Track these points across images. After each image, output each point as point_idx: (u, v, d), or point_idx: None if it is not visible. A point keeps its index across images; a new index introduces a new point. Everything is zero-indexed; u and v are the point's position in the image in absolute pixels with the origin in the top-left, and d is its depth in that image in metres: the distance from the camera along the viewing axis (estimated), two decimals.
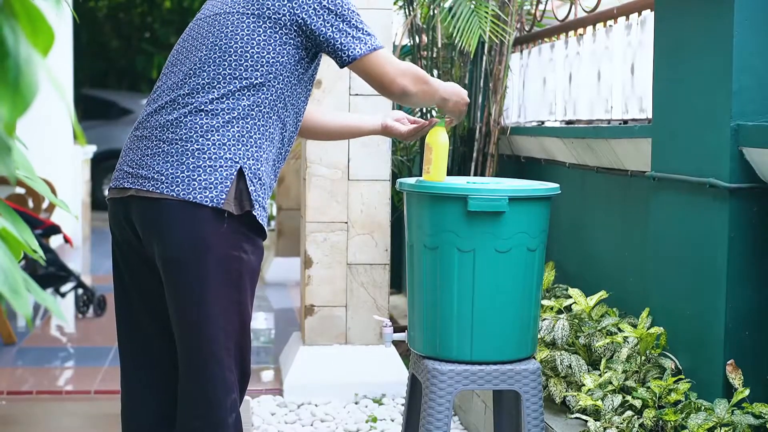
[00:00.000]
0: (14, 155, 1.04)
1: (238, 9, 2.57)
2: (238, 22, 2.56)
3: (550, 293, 4.29)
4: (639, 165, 3.86)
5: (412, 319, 3.01)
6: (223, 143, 2.49)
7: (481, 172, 5.48)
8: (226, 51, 2.54)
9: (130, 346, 2.74)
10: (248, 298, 2.59)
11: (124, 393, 2.77)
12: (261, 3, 2.56)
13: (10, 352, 5.58)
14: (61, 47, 9.79)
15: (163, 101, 2.57)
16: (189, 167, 2.48)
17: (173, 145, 2.50)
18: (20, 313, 1.02)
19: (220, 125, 2.50)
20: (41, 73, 0.98)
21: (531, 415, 2.91)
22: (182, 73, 2.57)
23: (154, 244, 2.53)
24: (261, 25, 2.55)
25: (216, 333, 2.52)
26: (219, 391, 2.55)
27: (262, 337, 6.29)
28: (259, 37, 2.55)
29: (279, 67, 2.55)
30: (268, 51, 2.54)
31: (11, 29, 0.97)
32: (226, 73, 2.53)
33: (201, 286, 2.50)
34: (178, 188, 2.46)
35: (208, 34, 2.59)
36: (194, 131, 2.50)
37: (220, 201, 2.45)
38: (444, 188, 2.86)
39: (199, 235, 2.48)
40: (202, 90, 2.53)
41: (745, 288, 3.11)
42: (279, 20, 2.54)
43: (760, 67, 3.09)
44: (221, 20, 2.58)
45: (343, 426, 4.32)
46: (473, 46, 5.10)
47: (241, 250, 2.52)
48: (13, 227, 1.09)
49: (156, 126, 2.55)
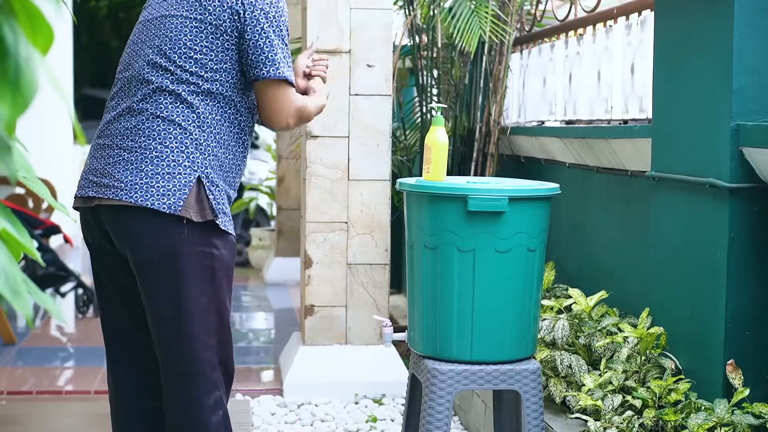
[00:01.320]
0: (14, 155, 1.04)
1: (181, 12, 2.58)
2: (181, 25, 2.57)
3: (550, 293, 4.28)
4: (639, 165, 3.86)
5: (412, 319, 3.01)
6: (181, 150, 2.51)
7: (481, 172, 5.48)
8: (171, 56, 2.56)
9: (115, 347, 2.76)
10: (224, 293, 2.60)
11: (111, 393, 2.78)
12: (203, 7, 2.56)
13: (10, 352, 5.57)
14: (62, 47, 9.80)
15: (120, 108, 2.59)
16: (147, 174, 2.50)
17: (133, 153, 2.52)
18: (21, 313, 1.02)
19: (178, 132, 2.52)
20: (41, 73, 0.98)
21: (531, 415, 2.91)
22: (134, 79, 2.59)
23: (126, 247, 2.56)
24: (203, 30, 2.56)
25: (193, 330, 2.53)
26: (199, 390, 2.54)
27: (262, 337, 6.29)
28: (203, 42, 2.56)
29: (224, 74, 2.57)
30: (211, 57, 2.56)
31: (11, 28, 0.97)
32: (173, 78, 2.54)
33: (174, 285, 2.52)
34: (136, 195, 2.48)
35: (153, 37, 2.60)
36: (152, 138, 2.52)
37: (178, 208, 2.47)
38: (444, 188, 2.85)
39: (164, 240, 2.50)
40: (154, 95, 2.55)
41: (746, 288, 3.11)
42: (220, 26, 2.56)
43: (760, 67, 3.09)
44: (166, 23, 2.59)
45: (343, 426, 4.32)
46: (473, 46, 5.10)
47: (212, 246, 2.54)
48: (12, 228, 1.09)
49: (116, 134, 2.57)
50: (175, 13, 2.59)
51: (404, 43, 6.08)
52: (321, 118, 4.65)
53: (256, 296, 7.68)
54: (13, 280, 1.02)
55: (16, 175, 1.07)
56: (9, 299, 1.01)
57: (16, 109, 0.96)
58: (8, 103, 0.95)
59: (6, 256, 1.05)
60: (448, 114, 5.66)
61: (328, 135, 4.68)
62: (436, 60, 5.72)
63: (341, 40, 4.67)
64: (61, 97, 1.02)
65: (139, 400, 2.73)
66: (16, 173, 1.06)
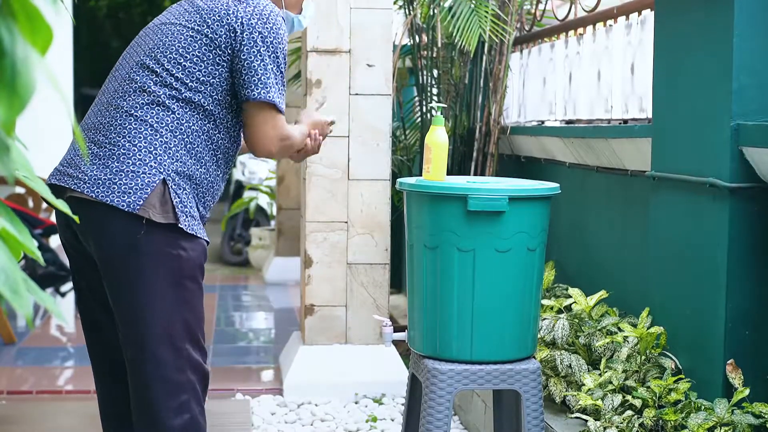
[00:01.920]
0: (13, 155, 1.04)
1: (180, 21, 2.60)
2: (177, 33, 2.58)
3: (550, 293, 4.29)
4: (639, 164, 3.86)
5: (412, 319, 3.01)
6: (149, 151, 2.50)
7: (481, 172, 5.48)
8: (161, 59, 2.56)
9: (94, 344, 2.75)
10: (194, 296, 2.56)
11: (98, 390, 2.78)
12: (203, 19, 2.57)
13: (10, 351, 5.57)
14: (61, 47, 9.80)
15: (100, 103, 2.61)
16: (112, 170, 2.49)
17: (102, 148, 2.52)
18: (21, 312, 1.02)
19: (148, 132, 2.51)
20: (39, 73, 0.98)
21: (531, 414, 2.91)
22: (120, 77, 2.61)
23: (90, 242, 2.55)
24: (198, 40, 2.57)
25: (157, 333, 2.50)
26: (159, 392, 2.51)
27: (262, 337, 6.29)
28: (195, 51, 2.56)
29: (209, 88, 2.57)
30: (200, 68, 2.56)
31: (8, 28, 0.97)
32: (157, 80, 2.55)
33: (137, 286, 2.50)
34: (98, 190, 2.48)
35: (149, 40, 2.62)
36: (122, 136, 2.52)
37: (136, 206, 2.45)
38: (444, 188, 2.85)
39: (122, 238, 2.48)
40: (133, 93, 2.55)
41: (745, 287, 3.11)
42: (215, 39, 2.56)
43: (760, 67, 3.09)
44: (164, 29, 2.61)
45: (343, 426, 4.32)
46: (473, 46, 5.10)
47: (179, 248, 2.51)
48: (12, 227, 1.09)
49: (91, 127, 2.58)
50: (174, 21, 2.61)
51: (404, 43, 6.08)
52: None
53: (256, 296, 7.68)
54: (13, 279, 1.02)
55: (15, 174, 1.07)
56: (9, 298, 1.01)
57: (13, 110, 0.96)
58: (5, 103, 0.95)
59: (6, 255, 1.05)
60: (448, 114, 5.66)
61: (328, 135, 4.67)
62: (436, 59, 5.73)
63: (341, 40, 4.67)
64: (61, 98, 1.02)
65: (124, 405, 2.73)
66: (14, 172, 1.06)
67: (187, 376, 2.54)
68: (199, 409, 2.58)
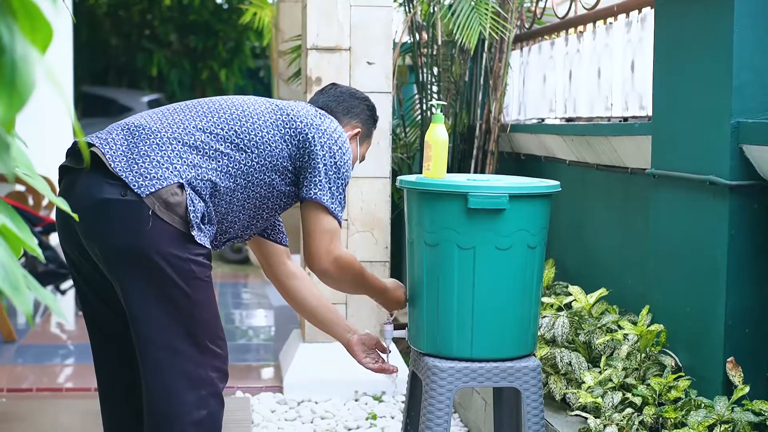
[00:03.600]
0: (13, 152, 1.04)
1: (260, 107, 2.70)
2: (260, 103, 2.70)
3: (551, 290, 4.29)
4: (639, 162, 3.86)
5: (412, 317, 3.01)
6: (182, 161, 2.52)
7: (481, 170, 5.48)
8: (232, 113, 2.64)
9: (97, 343, 2.74)
10: (208, 293, 2.57)
11: (100, 392, 2.77)
12: (283, 111, 2.70)
13: (10, 349, 5.58)
14: (61, 44, 9.80)
15: (152, 126, 2.60)
16: (139, 153, 2.50)
17: (137, 138, 2.54)
18: (21, 310, 1.02)
19: (185, 152, 2.53)
20: (39, 70, 0.98)
21: (531, 412, 2.91)
22: (179, 122, 2.62)
23: (93, 238, 2.52)
24: (275, 115, 2.67)
25: (172, 333, 2.51)
26: (180, 386, 2.52)
27: (262, 335, 6.29)
28: (267, 119, 2.65)
29: (263, 152, 2.63)
30: (265, 132, 2.64)
31: (8, 26, 0.97)
32: (224, 126, 2.61)
33: (147, 282, 2.49)
34: (119, 162, 2.47)
35: (229, 100, 2.70)
36: (161, 147, 2.54)
37: (146, 192, 2.44)
38: (444, 185, 2.85)
39: (133, 224, 2.45)
40: (197, 132, 2.58)
41: (746, 285, 3.11)
42: (291, 126, 2.66)
43: (760, 65, 3.09)
44: (249, 98, 2.73)
45: (343, 423, 4.32)
46: (473, 43, 5.09)
47: (186, 252, 2.50)
48: (13, 224, 1.09)
49: (137, 125, 2.59)
50: (254, 102, 2.72)
51: (404, 41, 6.08)
52: None
53: (256, 293, 7.68)
54: (13, 276, 1.02)
55: (14, 172, 1.07)
56: (9, 295, 1.01)
57: (13, 108, 0.96)
58: (4, 101, 0.95)
59: (6, 252, 1.05)
60: (449, 111, 5.65)
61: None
62: (436, 57, 5.72)
63: (341, 38, 4.67)
64: (61, 95, 1.02)
65: (127, 405, 2.73)
66: (14, 171, 1.06)
67: (206, 372, 2.55)
68: (215, 408, 2.58)
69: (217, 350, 2.57)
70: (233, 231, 2.69)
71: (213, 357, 2.56)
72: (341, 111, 2.89)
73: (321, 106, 2.88)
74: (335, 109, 2.89)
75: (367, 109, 2.95)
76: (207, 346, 2.55)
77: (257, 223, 2.75)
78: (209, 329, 2.56)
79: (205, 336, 2.55)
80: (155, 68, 16.59)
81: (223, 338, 2.61)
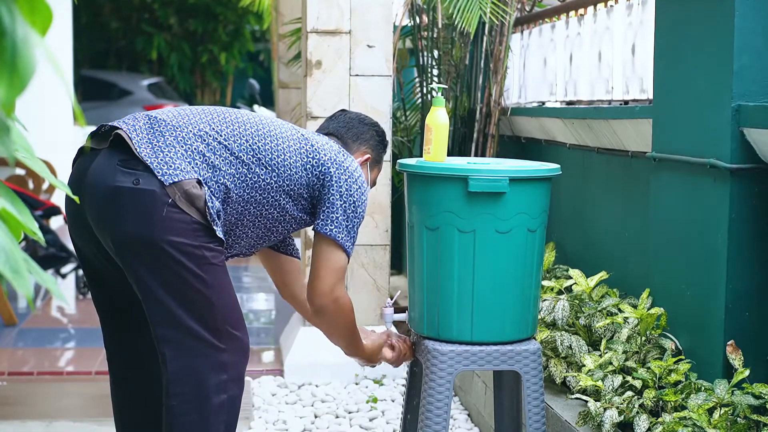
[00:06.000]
0: (13, 135, 1.03)
1: (287, 131, 2.70)
2: (287, 128, 2.70)
3: (551, 274, 4.29)
4: (640, 145, 3.85)
5: (413, 300, 3.01)
6: (204, 159, 2.53)
7: (482, 153, 5.48)
8: (258, 129, 2.64)
9: (109, 330, 2.75)
10: (224, 279, 2.59)
11: (112, 382, 2.77)
12: (311, 145, 2.70)
13: (11, 333, 5.59)
14: (61, 28, 9.77)
15: (181, 122, 2.60)
16: (166, 142, 2.51)
17: (162, 129, 2.54)
18: (22, 293, 1.02)
19: (208, 154, 2.54)
20: (39, 53, 0.98)
21: (531, 395, 2.91)
22: (203, 127, 2.61)
23: (106, 227, 2.52)
24: (299, 143, 2.67)
25: (190, 316, 2.51)
26: (205, 368, 2.52)
27: (263, 318, 6.30)
28: (291, 144, 2.66)
29: (282, 174, 2.63)
30: (287, 156, 2.64)
31: (8, 9, 0.96)
32: (249, 139, 2.61)
33: (167, 268, 2.49)
34: (144, 148, 2.47)
35: (257, 117, 2.71)
36: (184, 151, 2.54)
37: (169, 180, 2.45)
38: (444, 169, 2.85)
39: (150, 211, 2.45)
40: (220, 137, 2.58)
41: (746, 268, 3.11)
42: (315, 157, 2.67)
43: (761, 47, 3.08)
44: (276, 121, 2.73)
45: (344, 406, 4.33)
46: (474, 27, 5.08)
47: (202, 244, 2.51)
48: (13, 207, 1.09)
49: (165, 118, 2.59)
50: (281, 126, 2.72)
51: (404, 24, 6.06)
52: (321, 99, 4.64)
53: (256, 277, 7.69)
54: (14, 259, 1.02)
55: (14, 157, 1.07)
56: (10, 278, 1.01)
57: (13, 90, 0.95)
58: (5, 83, 0.95)
59: (7, 235, 1.05)
60: (449, 95, 5.65)
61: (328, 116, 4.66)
62: (437, 40, 5.71)
63: (341, 21, 4.66)
64: (61, 78, 1.01)
65: (140, 396, 2.74)
66: (14, 155, 1.06)
67: (229, 357, 2.55)
68: (237, 390, 2.59)
69: (237, 334, 2.58)
70: (239, 247, 2.72)
71: (233, 341, 2.57)
72: (351, 137, 2.90)
73: (330, 133, 2.89)
74: (345, 135, 2.90)
75: (376, 134, 2.96)
76: (227, 330, 2.56)
77: (263, 243, 2.76)
78: (228, 314, 2.57)
79: (225, 321, 2.56)
80: (155, 52, 16.56)
81: (242, 322, 2.62)
